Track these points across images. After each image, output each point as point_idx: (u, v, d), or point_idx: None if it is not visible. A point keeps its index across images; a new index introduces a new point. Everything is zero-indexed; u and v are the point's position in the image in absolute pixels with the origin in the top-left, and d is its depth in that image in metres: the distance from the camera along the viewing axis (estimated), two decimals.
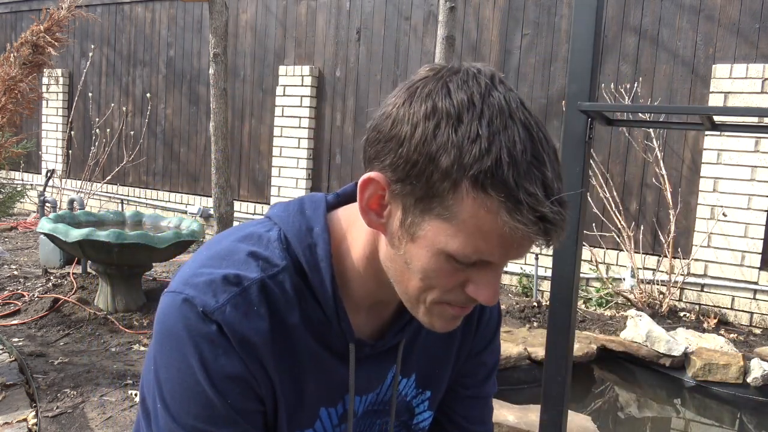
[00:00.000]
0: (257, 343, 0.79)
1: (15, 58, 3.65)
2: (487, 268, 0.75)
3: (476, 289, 0.76)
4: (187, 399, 0.78)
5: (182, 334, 0.78)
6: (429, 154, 0.69)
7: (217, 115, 4.30)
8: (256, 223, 0.88)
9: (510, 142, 0.68)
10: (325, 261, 0.82)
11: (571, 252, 1.43)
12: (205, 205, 6.97)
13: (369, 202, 0.77)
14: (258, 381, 0.81)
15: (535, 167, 0.68)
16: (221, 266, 0.81)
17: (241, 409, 0.80)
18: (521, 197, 0.67)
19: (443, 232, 0.71)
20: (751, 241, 4.44)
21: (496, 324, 1.05)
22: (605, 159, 5.01)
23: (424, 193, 0.71)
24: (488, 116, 0.68)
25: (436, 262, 0.74)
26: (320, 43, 6.34)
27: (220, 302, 0.77)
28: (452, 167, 0.68)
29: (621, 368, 3.90)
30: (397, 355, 0.93)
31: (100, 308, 3.96)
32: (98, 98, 7.95)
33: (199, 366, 0.77)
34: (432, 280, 0.76)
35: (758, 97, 4.39)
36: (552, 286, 1.46)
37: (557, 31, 5.16)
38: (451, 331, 0.96)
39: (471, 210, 0.69)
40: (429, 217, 0.72)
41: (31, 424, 2.55)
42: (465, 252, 0.71)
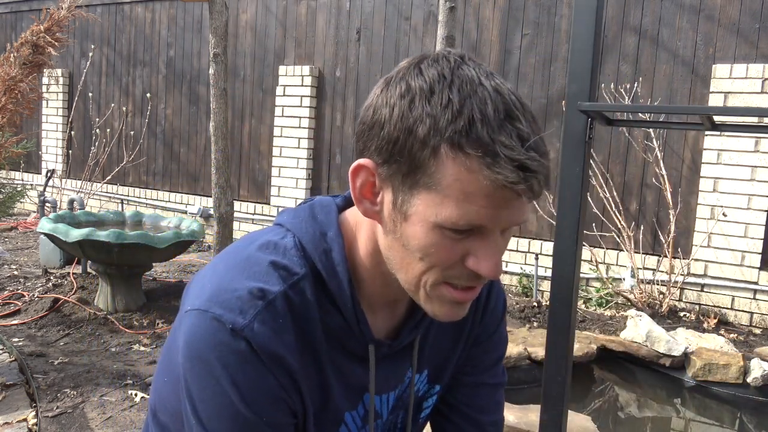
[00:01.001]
0: (286, 356, 0.79)
1: (15, 58, 3.65)
2: (485, 239, 0.75)
3: (476, 262, 0.75)
4: (224, 419, 0.78)
5: (213, 355, 0.77)
6: (407, 128, 0.72)
7: (217, 115, 4.30)
8: (268, 231, 0.88)
9: (481, 103, 0.70)
10: (341, 265, 0.83)
11: (571, 252, 1.43)
12: (205, 205, 6.97)
13: (362, 190, 0.79)
14: (289, 394, 0.81)
15: (508, 122, 0.70)
16: (243, 278, 0.81)
17: (276, 425, 0.80)
18: (498, 150, 0.69)
19: (432, 202, 0.72)
20: (751, 241, 4.44)
21: (501, 313, 1.05)
22: (605, 159, 5.02)
23: (408, 168, 0.73)
24: (458, 84, 0.71)
25: (432, 237, 0.74)
26: (320, 43, 6.35)
27: (248, 319, 0.78)
28: (429, 134, 0.70)
29: (621, 368, 3.90)
30: (413, 353, 0.94)
31: (100, 308, 3.96)
32: (98, 98, 7.95)
33: (232, 387, 0.77)
34: (432, 257, 0.75)
35: (758, 97, 4.39)
36: (552, 286, 1.46)
37: (557, 31, 5.16)
38: (460, 324, 0.98)
39: (453, 173, 0.70)
40: (417, 191, 0.73)
41: (31, 424, 2.55)
42: (455, 219, 0.72)
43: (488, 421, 1.08)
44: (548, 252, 5.12)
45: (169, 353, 0.87)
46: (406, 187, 0.74)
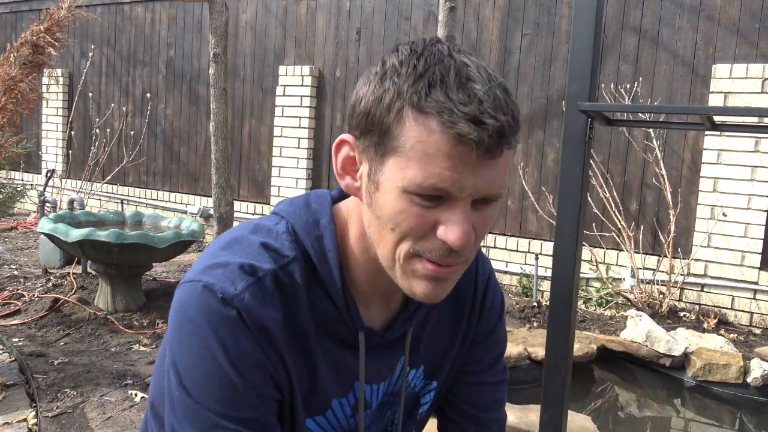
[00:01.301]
0: (274, 330, 0.80)
1: (15, 58, 3.65)
2: (453, 207, 0.75)
3: (445, 230, 0.75)
4: (209, 384, 0.78)
5: (202, 320, 0.78)
6: (378, 98, 0.76)
7: (217, 115, 4.30)
8: (264, 218, 0.91)
9: (444, 69, 0.73)
10: (332, 251, 0.85)
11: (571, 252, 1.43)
12: (205, 205, 6.97)
13: (343, 164, 0.82)
14: (276, 368, 0.82)
15: (468, 84, 0.72)
16: (235, 256, 0.82)
17: (261, 394, 0.80)
18: (453, 107, 0.71)
19: (398, 167, 0.74)
20: (751, 241, 4.44)
21: (499, 312, 1.06)
22: (605, 159, 5.02)
23: (378, 136, 0.76)
24: (426, 56, 0.74)
25: (399, 203, 0.75)
26: (320, 43, 6.35)
27: (238, 289, 0.79)
28: (394, 99, 0.74)
29: (621, 368, 3.90)
30: (405, 344, 0.95)
31: (100, 308, 3.96)
32: (98, 98, 7.95)
33: (220, 349, 0.78)
34: (402, 226, 0.76)
35: (758, 97, 4.39)
36: (552, 286, 1.46)
37: (557, 31, 5.16)
38: (457, 321, 1.00)
39: (415, 134, 0.73)
40: (387, 159, 0.76)
41: (31, 424, 2.55)
42: (418, 180, 0.73)
43: (491, 419, 1.08)
44: (548, 252, 5.12)
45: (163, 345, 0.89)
46: (378, 156, 0.77)
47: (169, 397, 0.82)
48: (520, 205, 5.36)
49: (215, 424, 0.78)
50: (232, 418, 0.78)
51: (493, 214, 0.80)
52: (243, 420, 0.79)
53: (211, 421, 0.78)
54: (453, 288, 0.96)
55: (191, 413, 0.79)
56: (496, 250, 5.44)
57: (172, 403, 0.81)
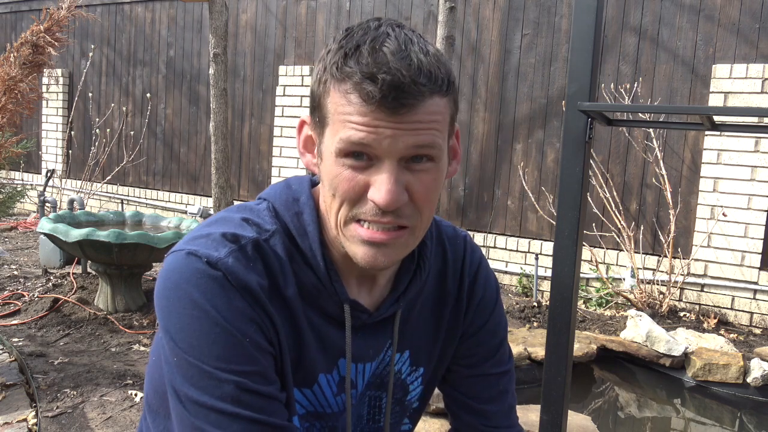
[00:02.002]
0: (260, 294, 0.82)
1: (15, 58, 3.65)
2: (380, 167, 0.79)
3: (373, 191, 0.79)
4: (207, 342, 0.79)
5: (190, 282, 0.80)
6: (315, 78, 0.82)
7: (217, 115, 4.31)
8: (248, 202, 0.94)
9: (361, 41, 0.77)
10: (311, 225, 0.88)
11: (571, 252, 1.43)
12: (205, 205, 6.96)
13: (304, 143, 0.88)
14: (267, 326, 0.83)
15: (379, 51, 0.76)
16: (218, 228, 0.86)
17: (259, 348, 0.81)
18: (363, 68, 0.76)
19: (330, 135, 0.80)
20: (751, 241, 4.44)
21: (492, 304, 1.06)
22: (605, 159, 5.02)
23: (318, 112, 0.82)
24: (354, 33, 0.79)
25: (334, 168, 0.80)
26: (320, 43, 6.34)
27: (221, 254, 0.82)
28: (322, 74, 0.81)
29: (621, 368, 3.90)
30: (394, 326, 0.96)
31: (100, 308, 3.96)
32: (98, 98, 7.95)
33: (211, 308, 0.79)
34: (338, 189, 0.81)
35: (758, 97, 4.39)
36: (552, 286, 1.46)
37: (557, 31, 5.16)
38: (441, 309, 1.02)
39: (335, 101, 0.79)
40: (324, 130, 0.81)
41: (31, 424, 2.55)
42: (341, 143, 0.78)
43: (492, 411, 1.06)
44: (548, 252, 5.12)
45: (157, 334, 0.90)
46: (320, 130, 0.82)
47: (168, 366, 0.82)
48: (520, 205, 5.36)
49: (218, 378, 0.78)
50: (235, 372, 0.79)
51: (434, 178, 0.82)
52: (245, 373, 0.79)
53: (214, 377, 0.78)
54: (438, 276, 1.00)
55: (193, 374, 0.79)
56: (496, 250, 5.44)
57: (171, 369, 0.81)
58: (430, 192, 0.82)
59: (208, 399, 0.78)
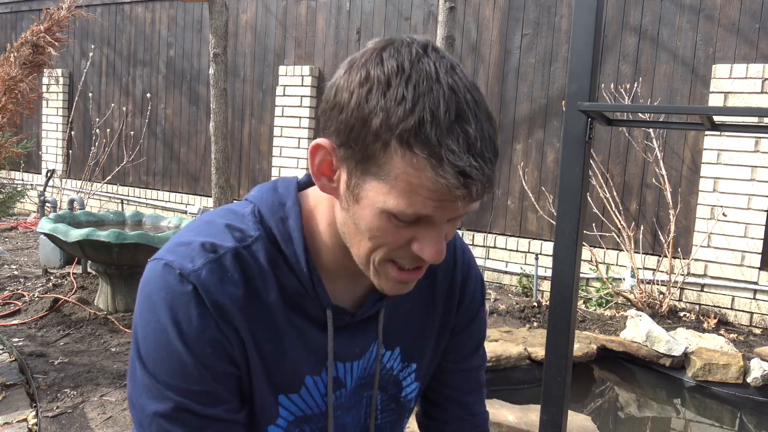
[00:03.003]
0: (231, 307, 0.83)
1: (15, 58, 3.65)
2: (431, 226, 0.78)
3: (420, 247, 0.79)
4: (162, 357, 0.82)
5: (159, 296, 0.82)
6: (362, 118, 0.74)
7: (217, 115, 4.30)
8: (235, 203, 0.94)
9: (433, 103, 0.71)
10: (296, 231, 0.87)
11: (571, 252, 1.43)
12: (205, 205, 6.96)
13: (320, 167, 0.82)
14: (232, 344, 0.84)
15: (457, 124, 0.71)
16: (199, 236, 0.86)
17: (213, 369, 0.83)
18: (443, 153, 0.71)
19: (380, 191, 0.75)
20: (751, 241, 4.44)
21: (479, 302, 1.09)
22: (605, 159, 5.02)
23: (361, 155, 0.75)
24: (415, 80, 0.72)
25: (379, 221, 0.77)
26: (320, 43, 6.35)
27: (196, 266, 0.82)
28: (381, 128, 0.72)
29: (621, 368, 3.90)
30: (378, 324, 0.97)
31: (100, 308, 3.96)
32: (98, 98, 7.95)
33: (172, 325, 0.81)
34: (379, 239, 0.79)
35: (758, 97, 4.39)
36: (552, 286, 1.46)
37: (557, 31, 5.16)
38: (433, 305, 1.02)
39: (401, 167, 0.73)
40: (368, 178, 0.76)
41: (31, 424, 2.55)
42: (401, 208, 0.75)
43: (473, 401, 1.12)
44: (548, 252, 5.12)
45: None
46: (359, 173, 0.77)
47: (131, 367, 0.86)
48: (520, 205, 5.36)
49: (164, 395, 0.82)
50: (180, 390, 0.81)
51: (460, 221, 0.83)
52: (191, 392, 0.82)
53: (160, 392, 0.82)
54: (430, 271, 1.00)
55: (146, 383, 0.83)
56: (496, 250, 5.44)
57: (134, 373, 0.85)
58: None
59: (154, 409, 0.82)
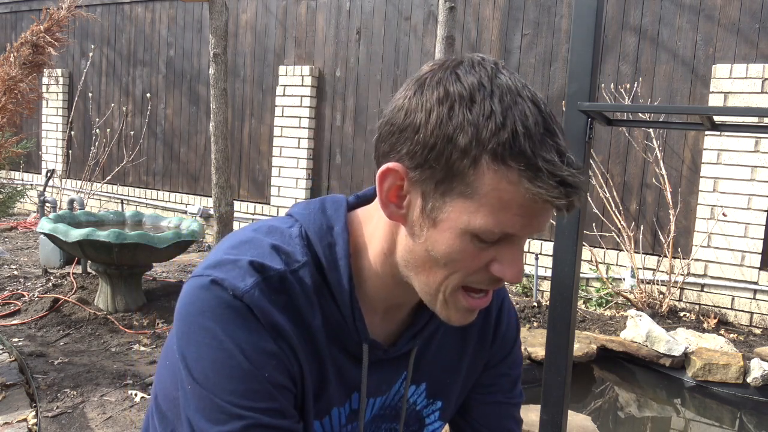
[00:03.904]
0: (285, 328, 0.79)
1: (15, 58, 3.65)
2: (511, 245, 0.76)
3: (501, 268, 0.76)
4: (223, 376, 0.76)
5: (213, 313, 0.77)
6: (446, 135, 0.71)
7: (217, 115, 4.30)
8: (277, 219, 0.89)
9: (522, 116, 0.71)
10: (343, 259, 0.83)
11: (571, 252, 1.43)
12: (205, 205, 6.96)
13: (388, 194, 0.78)
14: (290, 360, 0.80)
15: (548, 137, 0.71)
16: (246, 254, 0.81)
17: (277, 385, 0.78)
18: (540, 164, 0.70)
19: (466, 210, 0.73)
20: (751, 241, 4.44)
21: (514, 336, 1.05)
22: (605, 159, 5.02)
23: (444, 174, 0.73)
24: (498, 94, 0.71)
25: (460, 244, 0.74)
26: (320, 43, 6.35)
27: (248, 285, 0.78)
28: (471, 144, 0.71)
29: (621, 368, 3.90)
30: (409, 361, 0.93)
31: (100, 308, 3.96)
32: (98, 98, 7.95)
33: (231, 341, 0.76)
34: (457, 264, 0.76)
35: (758, 97, 4.39)
36: (552, 286, 1.46)
37: (557, 31, 5.16)
38: (464, 341, 0.98)
39: (492, 183, 0.71)
40: (450, 198, 0.73)
41: (31, 424, 2.55)
42: (488, 226, 0.72)
43: None
44: (548, 252, 5.12)
45: (168, 341, 0.88)
46: (438, 194, 0.74)
47: (182, 392, 0.80)
48: None
49: (230, 413, 0.76)
50: (248, 408, 0.76)
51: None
52: (259, 410, 0.77)
53: (227, 411, 0.76)
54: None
55: (206, 405, 0.77)
56: None
57: (186, 397, 0.79)
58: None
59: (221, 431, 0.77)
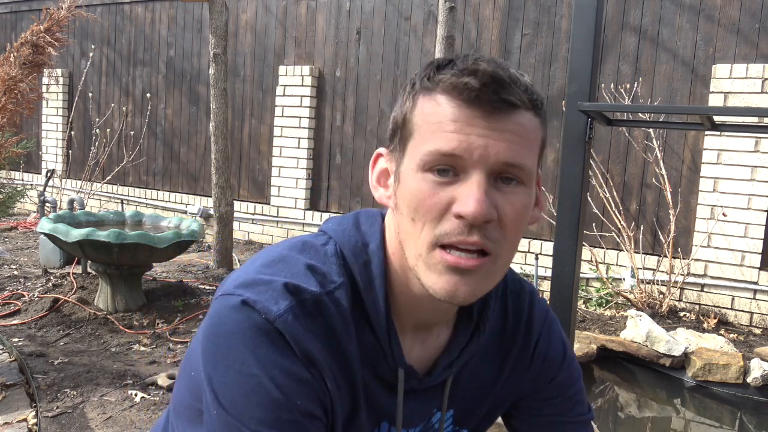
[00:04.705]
0: (317, 355, 0.76)
1: (15, 58, 3.65)
2: (468, 179, 0.73)
3: (459, 204, 0.73)
4: (251, 403, 0.73)
5: (244, 336, 0.74)
6: (400, 102, 0.81)
7: (217, 115, 4.31)
8: (311, 236, 0.87)
9: (454, 57, 0.77)
10: (379, 278, 0.81)
11: (571, 252, 1.43)
12: (205, 205, 6.96)
13: (378, 178, 0.84)
14: (322, 390, 0.77)
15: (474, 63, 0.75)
16: (280, 274, 0.78)
17: (308, 414, 0.75)
18: (460, 67, 0.75)
19: (414, 148, 0.77)
20: (751, 241, 4.44)
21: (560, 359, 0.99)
22: (605, 159, 5.02)
23: (400, 130, 0.80)
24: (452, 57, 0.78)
25: (415, 184, 0.75)
26: (320, 43, 6.35)
27: (282, 309, 0.75)
28: (409, 92, 0.79)
29: (621, 368, 3.90)
30: (444, 392, 0.90)
31: (100, 308, 3.96)
32: (98, 98, 7.95)
33: (260, 367, 0.73)
34: (420, 211, 0.75)
35: (758, 97, 4.39)
36: (552, 286, 1.46)
37: (557, 31, 5.16)
38: (501, 368, 0.94)
39: (424, 110, 0.76)
40: (406, 147, 0.78)
41: (31, 424, 2.55)
42: (430, 150, 0.74)
43: None
44: (548, 252, 5.12)
45: (192, 347, 0.86)
46: (400, 151, 0.79)
47: (207, 416, 0.77)
48: None
49: None
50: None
51: (524, 204, 0.76)
52: None
53: None
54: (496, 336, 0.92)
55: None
56: None
57: (211, 421, 0.76)
58: (519, 217, 0.75)
59: None
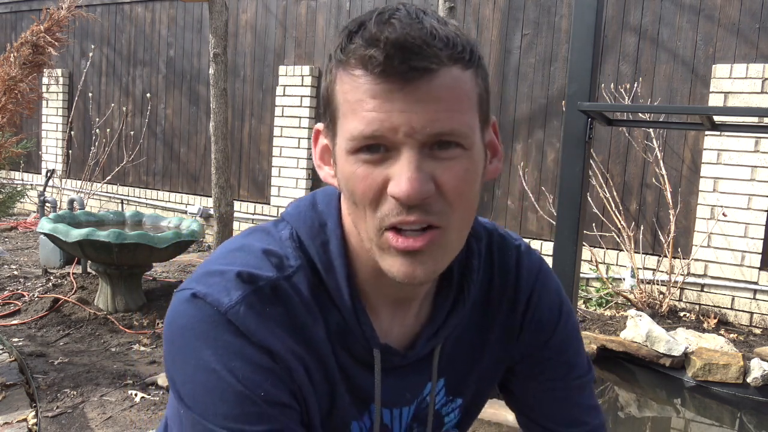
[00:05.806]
0: (277, 344, 0.73)
1: (15, 58, 3.65)
2: (398, 156, 0.67)
3: (392, 185, 0.68)
4: (213, 399, 0.71)
5: (196, 330, 0.72)
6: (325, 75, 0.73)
7: (217, 115, 4.30)
8: (270, 223, 0.84)
9: (366, 18, 0.69)
10: (339, 258, 0.77)
11: (571, 252, 1.43)
12: (205, 205, 6.96)
13: (320, 155, 0.79)
14: (288, 377, 0.74)
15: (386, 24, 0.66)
16: (235, 263, 0.76)
17: (275, 403, 0.72)
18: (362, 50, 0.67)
19: (342, 130, 0.70)
20: (751, 241, 4.44)
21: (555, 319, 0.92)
22: (605, 159, 5.01)
23: (329, 111, 0.73)
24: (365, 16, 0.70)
25: (348, 167, 0.70)
26: (320, 43, 6.35)
27: (233, 300, 0.72)
28: (330, 67, 0.71)
29: (621, 368, 3.90)
30: (432, 363, 0.85)
31: (100, 308, 3.96)
32: (98, 98, 7.95)
33: (219, 361, 0.71)
34: (355, 193, 0.70)
35: (758, 97, 4.39)
36: None
37: (557, 31, 5.16)
38: (485, 331, 0.89)
39: (342, 87, 0.69)
40: (336, 129, 0.72)
41: (31, 424, 2.55)
42: (353, 136, 0.68)
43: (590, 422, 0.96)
44: (548, 252, 5.11)
45: None
46: (332, 132, 0.73)
47: (177, 416, 0.75)
48: (520, 205, 5.35)
49: None
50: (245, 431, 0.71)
51: (466, 168, 0.70)
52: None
53: None
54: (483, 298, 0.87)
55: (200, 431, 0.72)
56: None
57: (179, 422, 0.74)
58: (462, 183, 0.69)
59: None
